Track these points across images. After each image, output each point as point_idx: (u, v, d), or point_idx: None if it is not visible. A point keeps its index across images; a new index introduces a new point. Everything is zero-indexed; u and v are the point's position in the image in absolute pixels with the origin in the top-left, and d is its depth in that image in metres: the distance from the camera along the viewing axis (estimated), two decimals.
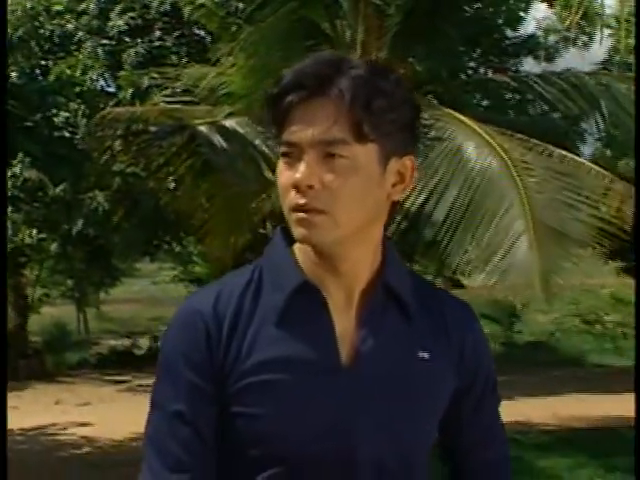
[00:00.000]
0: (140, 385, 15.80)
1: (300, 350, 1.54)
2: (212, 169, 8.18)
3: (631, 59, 15.35)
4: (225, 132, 8.01)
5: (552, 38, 17.19)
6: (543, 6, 16.90)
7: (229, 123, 8.20)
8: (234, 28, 9.12)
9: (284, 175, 1.53)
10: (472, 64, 15.78)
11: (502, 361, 15.63)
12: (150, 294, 32.41)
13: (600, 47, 16.85)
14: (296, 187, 1.49)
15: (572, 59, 16.86)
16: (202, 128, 8.14)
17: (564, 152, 7.96)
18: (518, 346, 19.45)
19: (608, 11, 17.03)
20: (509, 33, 16.12)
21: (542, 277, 6.40)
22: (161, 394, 1.60)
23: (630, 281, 20.06)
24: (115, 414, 12.84)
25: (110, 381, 17.29)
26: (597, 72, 13.01)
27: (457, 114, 7.82)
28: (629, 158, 13.45)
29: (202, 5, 9.77)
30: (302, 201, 1.49)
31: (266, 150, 8.02)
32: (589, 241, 6.74)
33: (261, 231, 11.51)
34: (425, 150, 7.55)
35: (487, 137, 7.33)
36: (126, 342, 21.63)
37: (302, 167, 1.49)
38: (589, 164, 7.94)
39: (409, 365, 1.58)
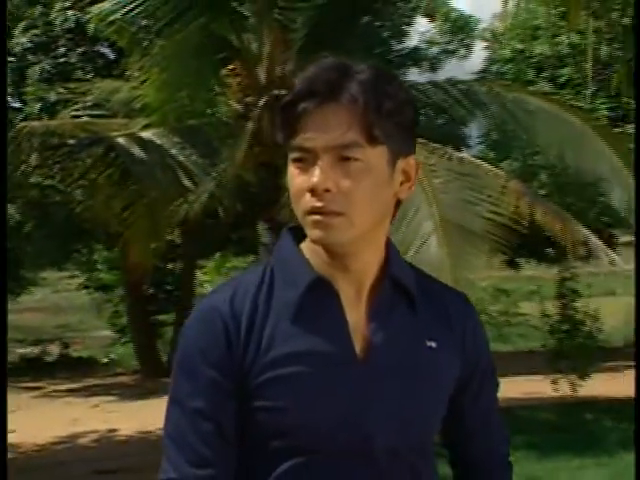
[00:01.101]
0: (55, 391, 15.47)
1: (316, 344, 1.54)
2: (130, 179, 8.05)
3: (505, 68, 15.76)
4: (143, 143, 7.90)
5: (434, 50, 17.46)
6: (425, 20, 17.25)
7: (146, 134, 8.09)
8: (145, 43, 8.98)
9: (298, 179, 1.52)
10: None
11: None
12: (53, 302, 31.75)
13: (477, 57, 17.22)
14: (312, 191, 1.49)
15: (453, 69, 17.18)
16: (120, 140, 8.00)
17: (461, 154, 8.10)
18: None
19: (483, 25, 17.51)
20: (395, 45, 16.33)
21: (452, 273, 6.49)
22: (180, 391, 1.58)
23: (509, 273, 20.55)
24: (34, 420, 12.54)
25: (24, 388, 16.85)
26: (478, 79, 13.30)
27: None
28: (511, 160, 13.78)
29: (112, 22, 9.59)
30: (319, 204, 1.49)
31: (183, 159, 7.94)
32: (493, 237, 6.85)
33: (169, 238, 11.41)
34: None
35: None
36: (35, 350, 21.10)
37: (318, 171, 1.49)
38: (486, 165, 8.10)
39: (418, 354, 1.59)
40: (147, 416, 12.01)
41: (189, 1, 8.14)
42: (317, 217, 1.50)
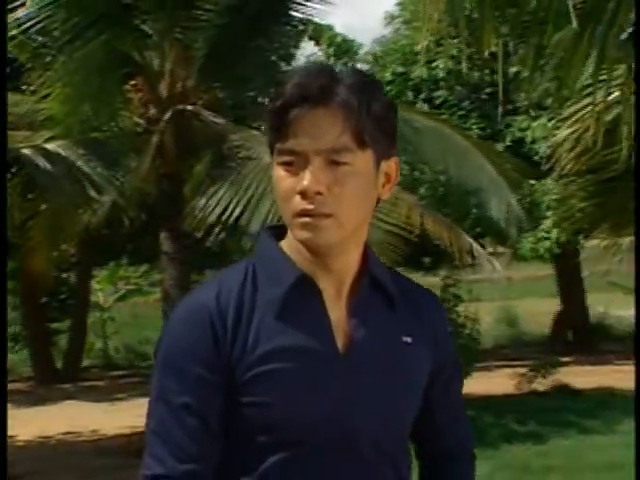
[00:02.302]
0: None
1: (301, 340, 1.49)
2: (35, 189, 7.79)
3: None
4: (48, 154, 7.65)
5: None
6: (311, 44, 17.32)
7: (51, 146, 7.84)
8: (48, 58, 8.71)
9: (286, 182, 1.47)
10: (252, 93, 15.85)
11: None
12: None
13: None
14: (303, 193, 1.44)
15: None
16: (25, 151, 7.73)
17: None
18: None
19: (365, 49, 17.69)
20: (284, 67, 16.33)
21: None
22: (165, 387, 1.50)
23: None
24: None
25: None
26: None
27: (263, 136, 7.83)
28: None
29: (13, 37, 9.27)
30: (310, 207, 1.45)
31: (88, 171, 7.73)
32: (387, 246, 6.89)
33: (63, 247, 11.09)
34: (238, 168, 7.52)
35: None
36: None
37: (309, 175, 1.44)
38: None
39: (395, 349, 1.56)
40: (44, 422, 11.66)
41: (91, 19, 7.93)
42: (306, 219, 1.46)
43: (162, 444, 1.48)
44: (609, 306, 17.74)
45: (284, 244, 1.55)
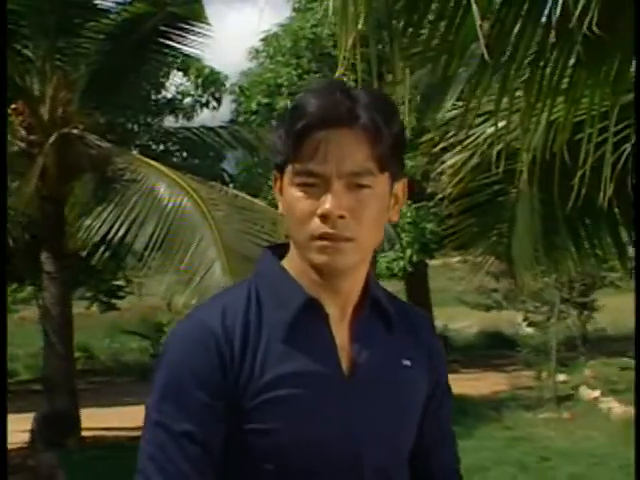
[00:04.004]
0: None
1: (309, 365, 1.34)
2: None
3: (252, 119, 15.88)
4: None
5: (188, 101, 17.28)
6: (180, 74, 17.04)
7: None
8: None
9: (304, 203, 1.31)
10: (121, 119, 15.47)
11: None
12: None
13: (227, 109, 17.22)
14: (324, 216, 1.30)
15: (205, 119, 17.11)
16: None
17: (234, 190, 7.99)
18: None
19: (232, 81, 17.57)
20: (154, 95, 16.02)
21: None
22: (165, 413, 1.31)
23: None
24: None
25: None
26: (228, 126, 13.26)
27: (146, 159, 7.60)
28: (261, 199, 13.85)
29: None
30: (331, 230, 1.30)
31: None
32: None
33: None
34: (122, 190, 7.23)
35: (177, 178, 7.16)
36: None
37: (331, 198, 1.30)
38: (256, 200, 8.04)
39: (396, 373, 1.43)
40: None
41: None
42: (326, 242, 1.30)
43: (159, 472, 1.30)
44: (450, 320, 18.29)
45: (286, 265, 1.39)
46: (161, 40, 8.65)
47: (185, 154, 14.66)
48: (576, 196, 3.10)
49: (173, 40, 8.68)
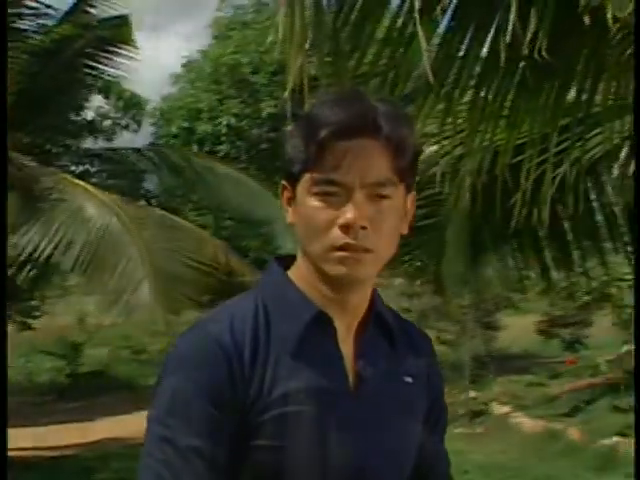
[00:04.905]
0: None
1: (317, 380, 1.28)
2: None
3: (172, 142, 15.70)
4: None
5: (108, 123, 16.96)
6: (100, 97, 16.72)
7: None
8: None
9: (323, 213, 1.25)
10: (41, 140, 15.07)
11: (72, 389, 15.08)
12: None
13: (147, 132, 17.01)
14: (346, 227, 1.24)
15: (125, 141, 16.84)
16: None
17: (160, 210, 7.86)
18: (82, 376, 18.69)
19: (153, 104, 17.35)
20: (73, 117, 15.66)
21: (164, 316, 6.23)
22: (171, 428, 1.22)
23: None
24: None
25: None
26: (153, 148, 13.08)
27: (73, 179, 7.40)
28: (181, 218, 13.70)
29: None
30: (353, 241, 1.24)
31: None
32: (197, 282, 6.66)
33: None
34: (49, 210, 7.00)
35: (105, 198, 6.98)
36: None
37: (353, 208, 1.24)
38: (181, 220, 7.92)
39: (399, 389, 1.38)
40: None
41: None
42: (346, 253, 1.25)
43: None
44: None
45: (293, 277, 1.33)
46: (87, 62, 8.46)
47: (105, 175, 14.37)
48: (510, 217, 3.13)
49: (99, 62, 8.52)
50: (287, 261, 1.34)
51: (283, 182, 1.31)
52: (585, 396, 9.64)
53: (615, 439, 7.50)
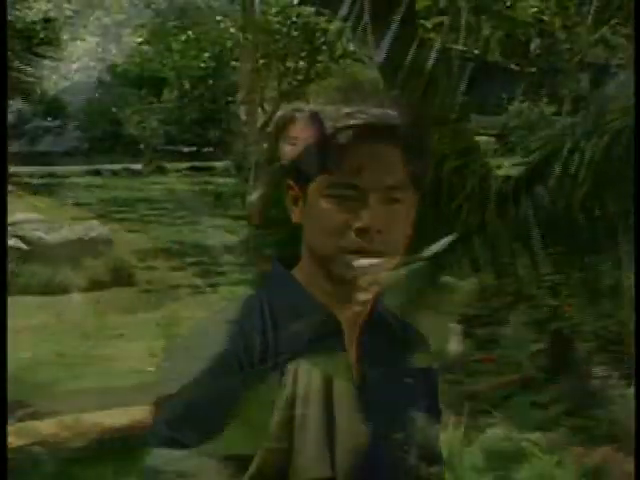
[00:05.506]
0: None
1: (325, 380, 1.26)
2: None
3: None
4: None
5: (29, 126, 16.51)
6: (19, 100, 16.27)
7: None
8: None
9: (338, 216, 1.21)
10: None
11: None
12: None
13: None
14: (362, 230, 1.21)
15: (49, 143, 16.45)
16: None
17: None
18: None
19: (75, 107, 16.94)
20: None
21: None
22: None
23: None
24: None
25: None
26: None
27: None
28: None
29: None
30: (369, 245, 1.21)
31: None
32: None
33: None
34: None
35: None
36: None
37: (370, 212, 1.21)
38: None
39: (400, 388, 1.37)
40: None
41: None
42: (359, 257, 1.22)
43: None
44: None
45: (297, 277, 1.30)
46: (14, 64, 8.23)
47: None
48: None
49: (25, 63, 8.30)
50: (289, 261, 1.31)
51: (289, 182, 1.27)
52: (504, 393, 9.81)
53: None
